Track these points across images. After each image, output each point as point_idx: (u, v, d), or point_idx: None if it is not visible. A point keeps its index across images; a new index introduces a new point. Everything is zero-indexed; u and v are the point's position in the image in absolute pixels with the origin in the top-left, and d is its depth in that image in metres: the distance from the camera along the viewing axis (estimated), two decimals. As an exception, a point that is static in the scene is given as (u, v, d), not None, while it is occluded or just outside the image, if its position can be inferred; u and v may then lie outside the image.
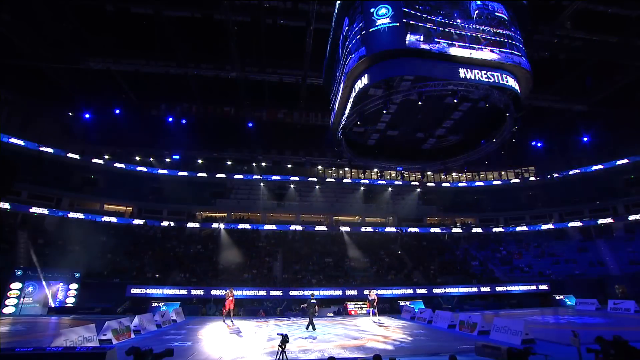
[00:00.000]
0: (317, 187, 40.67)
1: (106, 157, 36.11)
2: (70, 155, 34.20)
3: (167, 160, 38.02)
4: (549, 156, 38.32)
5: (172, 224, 35.38)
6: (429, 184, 44.08)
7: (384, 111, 14.56)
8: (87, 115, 31.64)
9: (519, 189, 42.29)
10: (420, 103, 13.49)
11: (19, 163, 29.95)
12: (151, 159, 37.35)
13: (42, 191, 31.64)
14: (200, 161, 39.32)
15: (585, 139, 34.59)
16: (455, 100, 13.54)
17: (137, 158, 37.56)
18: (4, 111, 32.45)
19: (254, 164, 39.36)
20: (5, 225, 28.45)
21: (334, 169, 41.96)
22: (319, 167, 41.87)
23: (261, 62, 25.39)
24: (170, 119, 31.17)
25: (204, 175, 39.31)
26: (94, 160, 35.70)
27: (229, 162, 39.46)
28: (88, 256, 27.22)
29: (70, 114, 32.26)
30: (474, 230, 40.08)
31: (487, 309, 24.62)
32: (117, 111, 30.50)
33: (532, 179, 41.77)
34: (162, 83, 28.33)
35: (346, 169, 43.25)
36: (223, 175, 39.65)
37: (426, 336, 13.16)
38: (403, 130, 17.21)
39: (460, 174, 45.08)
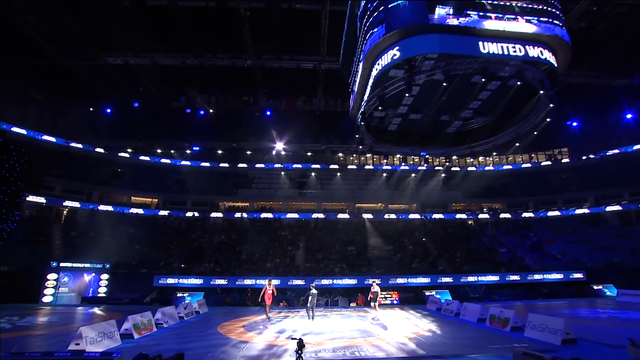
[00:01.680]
0: (339, 174, 40.14)
1: (129, 150, 36.96)
2: (97, 149, 35.30)
3: (188, 151, 38.42)
4: (584, 136, 35.96)
5: (196, 214, 36.00)
6: (453, 168, 42.59)
7: (406, 94, 13.80)
8: (108, 110, 32.35)
9: (551, 172, 40.12)
10: (445, 83, 12.65)
11: (50, 159, 31.23)
12: (172, 151, 37.80)
13: (73, 185, 32.88)
14: (220, 152, 39.56)
15: (628, 115, 32.09)
16: (483, 79, 12.58)
17: (159, 150, 38.20)
18: (36, 110, 33.81)
19: (274, 153, 39.18)
20: (42, 219, 29.84)
21: (355, 155, 41.14)
22: (340, 155, 41.25)
23: (277, 48, 24.88)
24: (190, 111, 31.31)
25: (226, 165, 39.62)
26: (120, 154, 36.75)
27: (249, 152, 39.55)
28: (117, 247, 28.19)
29: (92, 109, 33.12)
30: (502, 216, 38.52)
31: (517, 299, 23.57)
32: (138, 105, 30.98)
33: (565, 160, 39.50)
34: (181, 76, 28.43)
35: (368, 155, 42.40)
36: (244, 165, 39.85)
37: (453, 332, 12.18)
38: (426, 114, 16.34)
39: (487, 158, 43.36)
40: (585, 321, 13.84)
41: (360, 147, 20.24)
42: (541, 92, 13.56)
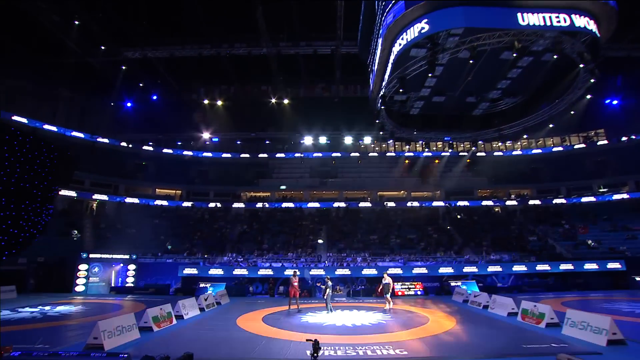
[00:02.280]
0: (360, 162, 39.41)
1: (150, 143, 37.69)
2: (122, 144, 36.14)
3: (208, 143, 38.65)
4: (624, 116, 33.49)
5: (218, 205, 36.41)
6: (479, 153, 40.96)
7: (429, 74, 12.94)
8: (129, 104, 32.90)
9: (585, 155, 37.75)
10: (471, 61, 11.72)
11: (79, 154, 32.23)
12: (192, 143, 38.13)
13: (101, 179, 33.92)
14: (239, 142, 39.68)
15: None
16: (514, 55, 11.57)
17: (179, 143, 38.64)
18: (64, 108, 34.97)
19: (292, 142, 38.92)
20: (73, 212, 31.01)
21: (376, 142, 40.14)
22: (361, 142, 40.45)
23: (293, 35, 24.32)
24: (208, 102, 31.38)
25: (247, 156, 39.83)
26: (144, 147, 37.57)
27: (269, 142, 39.49)
28: (143, 238, 28.98)
29: (114, 103, 33.79)
30: (531, 202, 36.75)
31: (550, 290, 22.36)
32: (157, 98, 31.39)
33: (601, 143, 37.05)
34: (200, 68, 28.47)
35: (389, 142, 41.42)
36: (265, 155, 39.88)
37: (481, 328, 11.22)
38: (451, 96, 15.40)
39: (514, 142, 41.42)
40: (631, 317, 12.46)
41: (381, 132, 19.34)
42: (581, 66, 12.37)
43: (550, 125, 17.63)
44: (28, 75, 28.90)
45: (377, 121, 16.95)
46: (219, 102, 31.55)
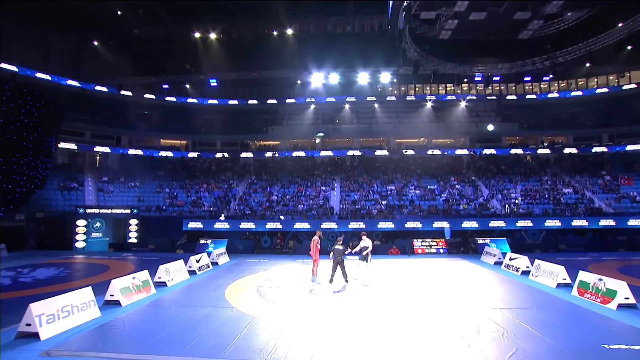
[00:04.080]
0: (377, 106, 36.06)
1: (145, 90, 35.08)
2: (123, 92, 33.76)
3: (212, 86, 35.40)
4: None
5: (225, 155, 34.63)
6: (509, 96, 36.83)
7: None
8: (110, 43, 30.07)
9: (635, 98, 33.07)
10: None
11: (78, 104, 30.27)
12: (187, 86, 34.92)
13: (102, 130, 32.29)
14: (242, 87, 36.42)
15: None
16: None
17: (168, 86, 35.42)
18: (57, 54, 32.42)
19: (301, 82, 35.39)
20: (74, 165, 29.80)
21: (395, 80, 35.86)
22: (378, 85, 36.64)
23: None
24: (205, 37, 28.17)
25: (255, 102, 37.16)
26: (146, 95, 35.24)
27: (275, 84, 36.01)
28: (148, 191, 27.84)
29: (111, 43, 30.86)
30: (567, 150, 33.23)
31: (591, 250, 20.02)
32: (152, 37, 28.27)
33: (656, 82, 32.18)
34: (199, 4, 25.19)
35: (409, 85, 37.52)
36: (274, 101, 37.04)
37: (532, 312, 8.44)
38: (493, 12, 11.89)
39: (551, 83, 36.79)
40: None
41: (402, 69, 16.11)
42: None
43: (629, 47, 13.79)
44: (14, 17, 26.30)
45: (399, 44, 13.61)
46: (213, 36, 28.32)
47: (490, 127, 28.46)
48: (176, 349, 6.32)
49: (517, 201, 25.98)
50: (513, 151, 33.91)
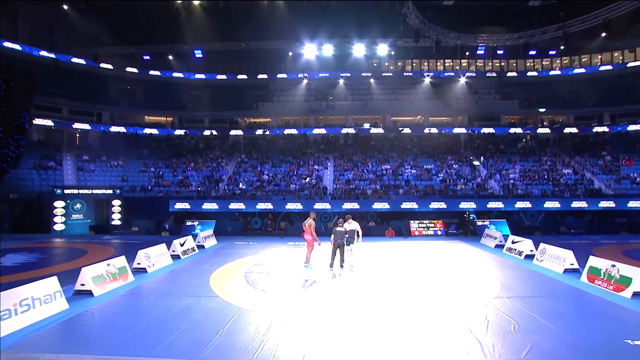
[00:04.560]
0: (372, 82, 34.52)
1: (126, 63, 32.73)
2: (103, 65, 31.67)
3: (198, 54, 32.87)
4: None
5: (214, 132, 33.12)
6: (510, 73, 35.58)
7: None
8: (83, 7, 27.69)
9: (639, 75, 31.99)
10: None
11: (52, 77, 28.12)
12: (170, 57, 32.42)
13: (81, 106, 30.41)
14: (229, 59, 34.31)
15: None
16: None
17: (149, 57, 32.66)
18: (25, 22, 29.86)
19: (292, 54, 33.44)
20: (51, 143, 28.07)
21: (393, 54, 33.80)
22: (374, 58, 34.77)
23: None
24: (189, 3, 26.10)
25: (244, 77, 35.42)
26: (128, 69, 33.22)
27: (265, 56, 33.94)
28: (132, 170, 26.47)
29: (65, 7, 28.23)
30: (567, 130, 32.40)
31: (591, 232, 19.49)
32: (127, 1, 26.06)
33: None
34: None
35: (407, 60, 35.85)
36: (264, 76, 35.26)
37: (541, 302, 7.74)
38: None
39: (553, 60, 35.58)
40: None
41: (401, 41, 14.68)
42: None
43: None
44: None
45: (399, 8, 12.25)
46: (197, 2, 26.21)
47: (476, 163, 27.79)
48: (148, 348, 5.44)
49: (514, 182, 25.27)
50: (512, 130, 33.01)
